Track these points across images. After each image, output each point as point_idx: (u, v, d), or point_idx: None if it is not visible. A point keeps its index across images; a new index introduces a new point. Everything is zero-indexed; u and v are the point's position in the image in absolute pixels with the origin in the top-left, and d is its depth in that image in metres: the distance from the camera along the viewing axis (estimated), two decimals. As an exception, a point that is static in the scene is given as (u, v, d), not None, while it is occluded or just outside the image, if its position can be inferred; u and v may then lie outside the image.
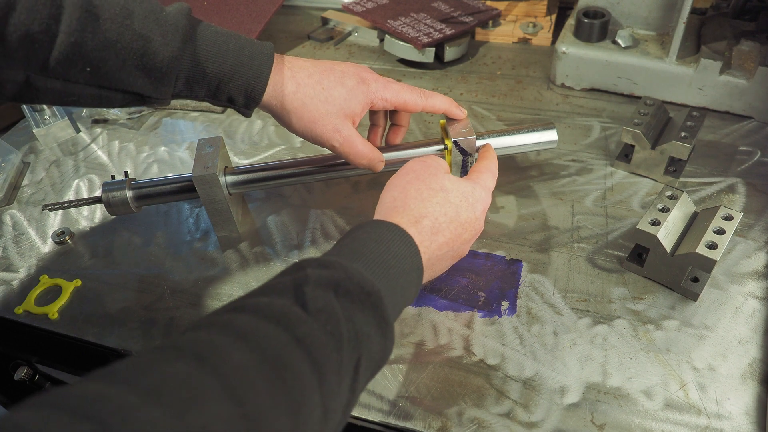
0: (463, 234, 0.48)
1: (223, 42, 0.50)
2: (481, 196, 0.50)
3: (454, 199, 0.48)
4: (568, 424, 0.45)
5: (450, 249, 0.48)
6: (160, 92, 0.48)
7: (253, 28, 0.87)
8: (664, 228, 0.51)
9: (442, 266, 0.49)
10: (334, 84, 0.53)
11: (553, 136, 0.61)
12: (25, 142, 0.81)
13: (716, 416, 0.45)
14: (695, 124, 0.61)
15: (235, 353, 0.29)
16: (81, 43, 0.44)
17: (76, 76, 0.45)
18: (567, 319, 0.52)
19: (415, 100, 0.56)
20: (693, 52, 0.72)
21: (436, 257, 0.47)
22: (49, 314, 0.57)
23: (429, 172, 0.50)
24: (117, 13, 0.45)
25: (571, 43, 0.77)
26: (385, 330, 0.38)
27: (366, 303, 0.37)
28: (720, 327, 0.50)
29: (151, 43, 0.46)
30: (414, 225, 0.45)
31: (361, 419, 0.47)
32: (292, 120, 0.53)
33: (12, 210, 0.71)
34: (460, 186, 0.49)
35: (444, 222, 0.47)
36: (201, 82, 0.49)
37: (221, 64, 0.49)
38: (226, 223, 0.62)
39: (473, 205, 0.49)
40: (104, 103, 0.49)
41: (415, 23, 0.87)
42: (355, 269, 0.38)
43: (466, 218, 0.48)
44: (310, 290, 0.35)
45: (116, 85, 0.47)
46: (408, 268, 0.43)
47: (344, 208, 0.66)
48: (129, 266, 0.62)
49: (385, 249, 0.42)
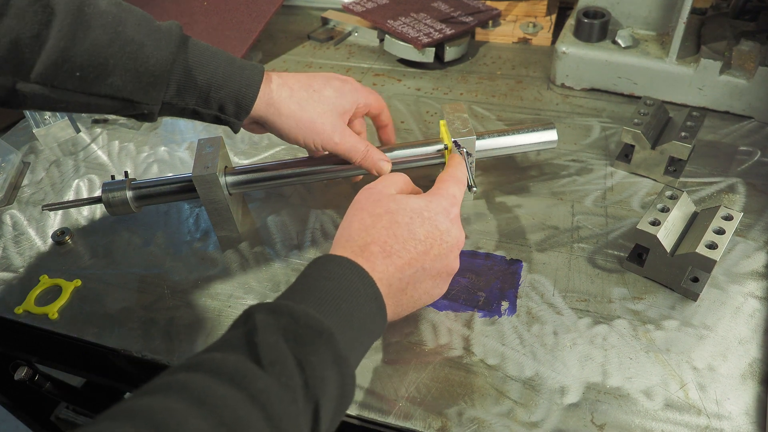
0: (431, 250, 0.46)
1: (215, 52, 0.51)
2: (439, 207, 0.48)
3: (401, 219, 0.46)
4: (568, 424, 0.45)
5: (418, 269, 0.45)
6: (151, 97, 0.48)
7: (253, 28, 0.87)
8: (664, 228, 0.51)
9: (422, 289, 0.47)
10: (322, 86, 0.55)
11: (553, 136, 0.61)
12: (25, 142, 0.81)
13: (716, 416, 0.45)
14: (695, 124, 0.61)
15: (191, 420, 0.29)
16: (71, 48, 0.44)
17: (65, 82, 0.45)
18: (567, 319, 0.52)
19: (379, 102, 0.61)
20: (693, 52, 0.72)
21: (402, 281, 0.45)
22: (49, 314, 0.57)
23: (372, 199, 0.48)
24: (109, 21, 0.45)
25: (571, 43, 0.77)
26: (341, 367, 0.37)
27: (318, 342, 0.36)
28: (720, 327, 0.50)
29: (144, 48, 0.46)
30: (361, 254, 0.44)
31: (361, 419, 0.47)
32: (290, 124, 0.53)
33: (12, 210, 0.71)
34: (409, 204, 0.47)
35: (395, 244, 0.45)
36: (192, 88, 0.49)
37: (213, 71, 0.50)
38: (226, 223, 0.62)
39: (430, 219, 0.47)
40: (93, 110, 0.48)
41: (415, 23, 0.87)
42: (301, 311, 0.37)
43: (425, 233, 0.46)
44: (261, 340, 0.35)
45: (105, 91, 0.47)
46: (363, 300, 0.41)
47: (344, 208, 0.66)
48: (129, 266, 0.62)
49: (336, 285, 0.41)
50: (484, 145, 0.61)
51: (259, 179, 0.61)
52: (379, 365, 0.50)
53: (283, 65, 0.92)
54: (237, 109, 0.52)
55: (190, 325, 0.55)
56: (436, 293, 0.48)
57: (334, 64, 0.91)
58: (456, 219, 0.49)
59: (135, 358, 0.54)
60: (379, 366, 0.50)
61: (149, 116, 0.50)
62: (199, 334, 0.54)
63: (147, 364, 0.54)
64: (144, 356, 0.53)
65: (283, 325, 0.36)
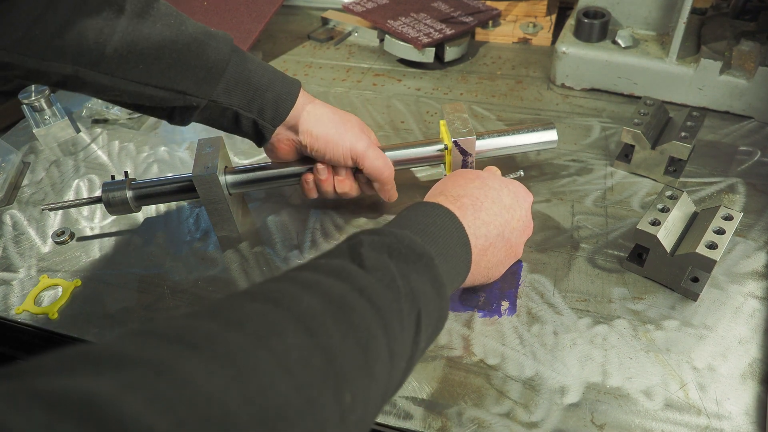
0: (512, 221, 0.49)
1: (260, 61, 0.55)
2: (520, 188, 0.52)
3: (492, 183, 0.50)
4: (568, 424, 0.45)
5: (500, 234, 0.48)
6: (202, 91, 0.51)
7: (253, 28, 0.87)
8: (664, 228, 0.51)
9: (497, 258, 0.49)
10: (346, 113, 0.59)
11: (553, 136, 0.61)
12: (25, 142, 0.81)
13: (716, 416, 0.45)
14: (695, 124, 0.61)
15: (304, 297, 0.31)
16: (137, 43, 0.47)
17: (127, 72, 0.48)
18: (567, 319, 0.52)
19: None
20: (693, 52, 0.72)
21: (487, 240, 0.47)
22: (49, 314, 0.57)
23: (461, 172, 0.52)
24: (173, 21, 0.49)
25: (571, 43, 0.77)
26: (440, 290, 0.39)
27: (418, 264, 0.38)
28: (720, 327, 0.50)
29: (206, 47, 0.50)
30: (453, 202, 0.47)
31: (361, 419, 0.47)
32: (321, 132, 0.56)
33: (12, 210, 0.71)
34: (496, 176, 0.52)
35: (486, 201, 0.48)
36: (240, 88, 0.53)
37: (260, 75, 0.53)
38: (226, 223, 0.62)
39: (515, 193, 0.51)
40: (143, 100, 0.51)
41: (415, 23, 0.87)
42: (405, 234, 0.39)
43: (510, 203, 0.50)
44: (365, 251, 0.37)
45: (162, 83, 0.50)
46: (454, 242, 0.44)
47: (344, 208, 0.66)
48: (129, 266, 0.62)
49: (431, 221, 0.43)
50: (484, 145, 0.61)
51: (259, 179, 0.61)
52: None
53: (283, 65, 0.92)
54: (274, 115, 0.55)
55: (190, 325, 0.55)
56: (502, 269, 0.52)
57: (334, 64, 0.91)
58: (530, 208, 0.53)
59: (135, 358, 0.54)
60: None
61: (189, 113, 0.53)
62: (199, 334, 0.54)
63: (147, 364, 0.54)
64: (144, 356, 0.53)
65: (388, 243, 0.38)
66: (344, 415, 0.29)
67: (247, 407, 0.24)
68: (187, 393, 0.22)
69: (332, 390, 0.28)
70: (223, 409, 0.23)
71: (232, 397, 0.23)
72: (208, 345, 0.25)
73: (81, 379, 0.21)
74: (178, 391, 0.22)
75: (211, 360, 0.25)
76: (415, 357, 0.37)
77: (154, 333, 0.26)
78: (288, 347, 0.28)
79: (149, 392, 0.21)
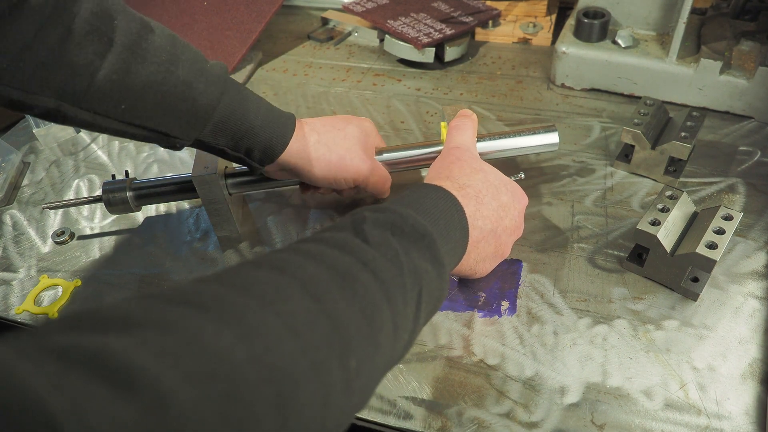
0: (505, 218, 0.50)
1: (255, 100, 0.52)
2: (518, 190, 0.53)
3: (493, 179, 0.50)
4: (568, 424, 0.45)
5: (492, 229, 0.49)
6: (187, 134, 0.50)
7: (253, 28, 0.87)
8: (664, 228, 0.51)
9: (486, 253, 0.50)
10: (345, 124, 0.58)
11: (554, 138, 0.61)
12: (25, 142, 0.81)
13: (716, 416, 0.45)
14: (695, 124, 0.61)
15: (309, 266, 0.32)
16: (122, 81, 0.44)
17: (109, 111, 0.46)
18: (567, 319, 0.52)
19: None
20: (693, 52, 0.72)
21: (482, 232, 0.48)
22: (49, 314, 0.57)
23: (468, 155, 0.52)
24: (165, 60, 0.46)
25: (571, 43, 0.77)
26: (440, 270, 0.39)
27: (420, 243, 0.38)
28: (720, 327, 0.50)
29: (193, 90, 0.47)
30: (458, 190, 0.47)
31: (361, 419, 0.47)
32: (321, 167, 0.55)
33: (12, 210, 0.71)
34: (498, 172, 0.52)
35: (487, 196, 0.48)
36: (227, 132, 0.51)
37: (252, 120, 0.51)
38: (226, 223, 0.62)
39: (513, 193, 0.51)
40: (126, 136, 0.49)
41: (415, 23, 0.87)
42: (409, 213, 0.39)
43: (506, 202, 0.50)
44: (369, 228, 0.37)
45: (146, 124, 0.48)
46: (455, 226, 0.44)
47: (344, 208, 0.66)
48: (129, 266, 0.62)
49: (434, 204, 0.44)
50: (485, 147, 0.61)
51: (259, 180, 0.61)
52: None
53: (283, 65, 0.92)
54: (262, 157, 0.53)
55: (190, 325, 0.55)
56: (489, 266, 0.52)
57: (334, 64, 0.91)
58: (523, 211, 0.53)
59: (135, 358, 0.54)
60: (379, 366, 0.50)
61: (177, 148, 0.52)
62: (199, 334, 0.54)
63: (147, 364, 0.54)
64: (144, 356, 0.53)
65: (391, 221, 0.38)
66: (349, 381, 0.29)
67: (253, 365, 0.24)
68: (194, 348, 0.23)
69: (338, 355, 0.29)
70: (230, 365, 0.23)
71: (238, 355, 0.24)
72: (215, 306, 0.26)
73: (90, 336, 0.22)
74: (185, 346, 0.23)
75: (218, 319, 0.25)
76: (416, 332, 0.37)
77: (161, 296, 0.26)
78: (294, 311, 0.28)
79: (157, 347, 0.22)
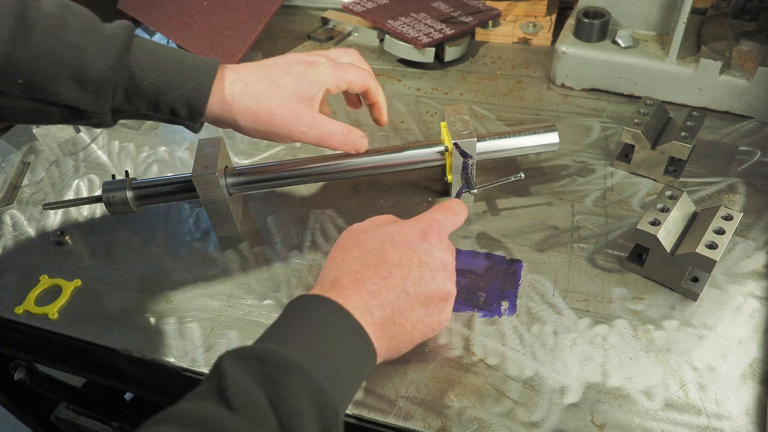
0: (410, 273, 0.44)
1: (163, 53, 0.48)
2: (413, 229, 0.47)
3: (371, 246, 0.46)
4: (568, 424, 0.45)
5: (400, 294, 0.44)
6: (98, 106, 0.47)
7: (253, 28, 0.87)
8: (664, 228, 0.51)
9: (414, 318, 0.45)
10: (282, 74, 0.52)
11: (554, 138, 0.61)
12: (25, 142, 0.81)
13: (716, 416, 0.45)
14: (695, 124, 0.61)
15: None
16: (12, 54, 0.42)
17: (9, 87, 0.44)
18: (567, 319, 0.52)
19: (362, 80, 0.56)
20: (693, 52, 0.72)
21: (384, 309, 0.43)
22: (49, 314, 0.57)
23: (346, 236, 0.49)
24: (52, 25, 0.43)
25: (571, 43, 0.77)
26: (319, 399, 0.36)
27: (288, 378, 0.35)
28: (720, 327, 0.50)
29: (87, 55, 0.44)
30: (331, 288, 0.43)
31: (361, 419, 0.47)
32: (247, 121, 0.51)
33: (12, 210, 0.71)
34: (380, 231, 0.47)
35: (366, 271, 0.44)
36: (140, 94, 0.47)
37: (159, 75, 0.47)
38: (226, 223, 0.62)
39: (403, 242, 0.46)
40: (42, 118, 0.47)
41: (415, 23, 0.87)
42: (268, 349, 0.37)
43: (399, 257, 0.45)
44: (230, 385, 0.34)
45: (51, 98, 0.45)
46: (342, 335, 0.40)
47: (344, 208, 0.66)
48: (129, 266, 0.62)
49: (307, 321, 0.40)
50: (485, 147, 0.61)
51: (259, 179, 0.61)
52: (379, 365, 0.50)
53: (283, 65, 0.91)
54: (190, 113, 0.49)
55: (190, 325, 0.55)
56: (433, 321, 0.46)
57: (334, 64, 0.91)
58: (437, 241, 0.47)
59: (135, 358, 0.54)
60: (379, 366, 0.50)
61: (102, 124, 0.49)
62: (199, 334, 0.54)
63: (147, 364, 0.54)
64: (144, 356, 0.53)
65: (251, 368, 0.35)
66: None
67: None
68: None
69: None
70: None
71: None
72: None
73: None
74: None
75: None
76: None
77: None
78: None
79: None
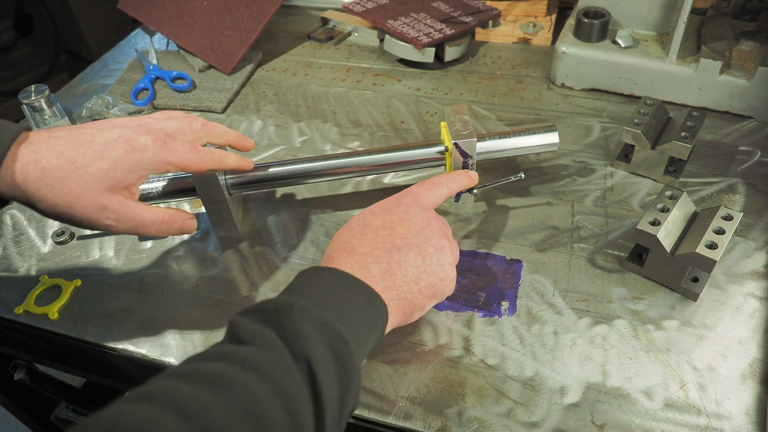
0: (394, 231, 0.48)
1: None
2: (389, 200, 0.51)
3: (354, 224, 0.50)
4: (568, 424, 0.45)
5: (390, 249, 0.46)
6: None
7: (253, 28, 0.87)
8: (664, 228, 0.51)
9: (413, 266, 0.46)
10: (92, 159, 0.45)
11: (554, 138, 0.61)
12: (25, 142, 0.81)
13: (716, 416, 0.45)
14: (695, 124, 0.61)
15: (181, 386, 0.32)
16: None
17: None
18: (567, 319, 0.52)
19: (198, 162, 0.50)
20: (693, 52, 0.72)
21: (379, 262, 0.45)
22: (49, 314, 0.57)
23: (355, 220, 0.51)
24: None
25: (571, 43, 0.77)
26: (324, 328, 0.38)
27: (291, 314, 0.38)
28: (720, 327, 0.50)
29: None
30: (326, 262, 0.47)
31: (361, 419, 0.47)
32: (45, 209, 0.45)
33: (12, 210, 0.71)
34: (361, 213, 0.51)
35: (352, 240, 0.47)
36: None
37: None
38: (226, 223, 0.62)
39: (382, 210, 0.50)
40: None
41: (415, 23, 0.87)
42: (269, 300, 0.40)
43: (381, 222, 0.48)
44: (240, 330, 0.37)
45: None
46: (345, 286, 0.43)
47: (344, 208, 0.66)
48: (129, 266, 0.62)
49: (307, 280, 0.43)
50: (485, 147, 0.61)
51: (259, 179, 0.61)
52: (379, 365, 0.50)
53: (283, 65, 0.92)
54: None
55: (190, 325, 0.55)
56: (435, 269, 0.47)
57: (334, 64, 0.91)
58: (413, 202, 0.50)
59: (135, 358, 0.54)
60: (379, 366, 0.50)
61: None
62: (199, 334, 0.54)
63: (147, 364, 0.54)
64: (144, 356, 0.53)
65: (257, 317, 0.38)
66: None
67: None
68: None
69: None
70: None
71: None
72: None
73: None
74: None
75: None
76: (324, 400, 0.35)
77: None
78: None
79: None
